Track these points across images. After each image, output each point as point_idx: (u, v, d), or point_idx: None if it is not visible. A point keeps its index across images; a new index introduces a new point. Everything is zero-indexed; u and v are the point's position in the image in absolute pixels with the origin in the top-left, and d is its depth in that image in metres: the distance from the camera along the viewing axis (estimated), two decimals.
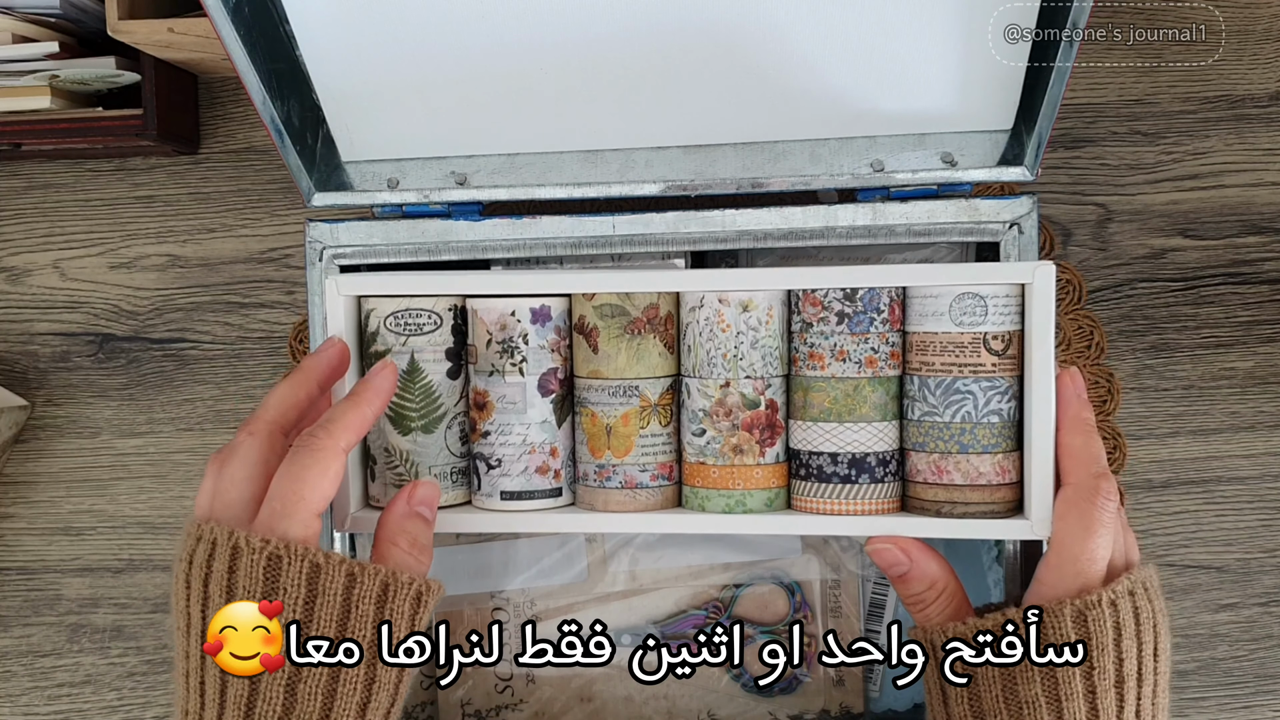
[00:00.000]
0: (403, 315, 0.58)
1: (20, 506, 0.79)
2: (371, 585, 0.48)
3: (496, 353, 0.58)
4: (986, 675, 0.49)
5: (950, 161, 0.63)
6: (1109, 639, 0.48)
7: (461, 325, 0.60)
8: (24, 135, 0.72)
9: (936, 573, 0.53)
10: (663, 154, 0.65)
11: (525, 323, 0.58)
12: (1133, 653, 0.48)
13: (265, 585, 0.46)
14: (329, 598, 0.47)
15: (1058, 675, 0.48)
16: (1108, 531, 0.50)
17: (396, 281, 0.59)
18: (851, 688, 0.71)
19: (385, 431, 0.59)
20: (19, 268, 0.79)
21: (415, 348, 0.58)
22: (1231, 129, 0.73)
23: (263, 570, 0.46)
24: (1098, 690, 0.48)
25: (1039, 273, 0.53)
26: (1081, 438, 0.52)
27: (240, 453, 0.50)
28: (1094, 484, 0.50)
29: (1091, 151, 0.74)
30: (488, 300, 0.58)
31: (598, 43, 0.58)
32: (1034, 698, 0.48)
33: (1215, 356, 0.74)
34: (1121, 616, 0.48)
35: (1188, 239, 0.73)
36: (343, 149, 0.66)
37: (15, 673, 0.79)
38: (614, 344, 0.58)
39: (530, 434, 0.59)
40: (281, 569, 0.46)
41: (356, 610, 0.47)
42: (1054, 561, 0.50)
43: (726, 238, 0.63)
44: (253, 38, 0.58)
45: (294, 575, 0.46)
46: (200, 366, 0.78)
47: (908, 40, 0.58)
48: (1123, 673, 0.48)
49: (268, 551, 0.46)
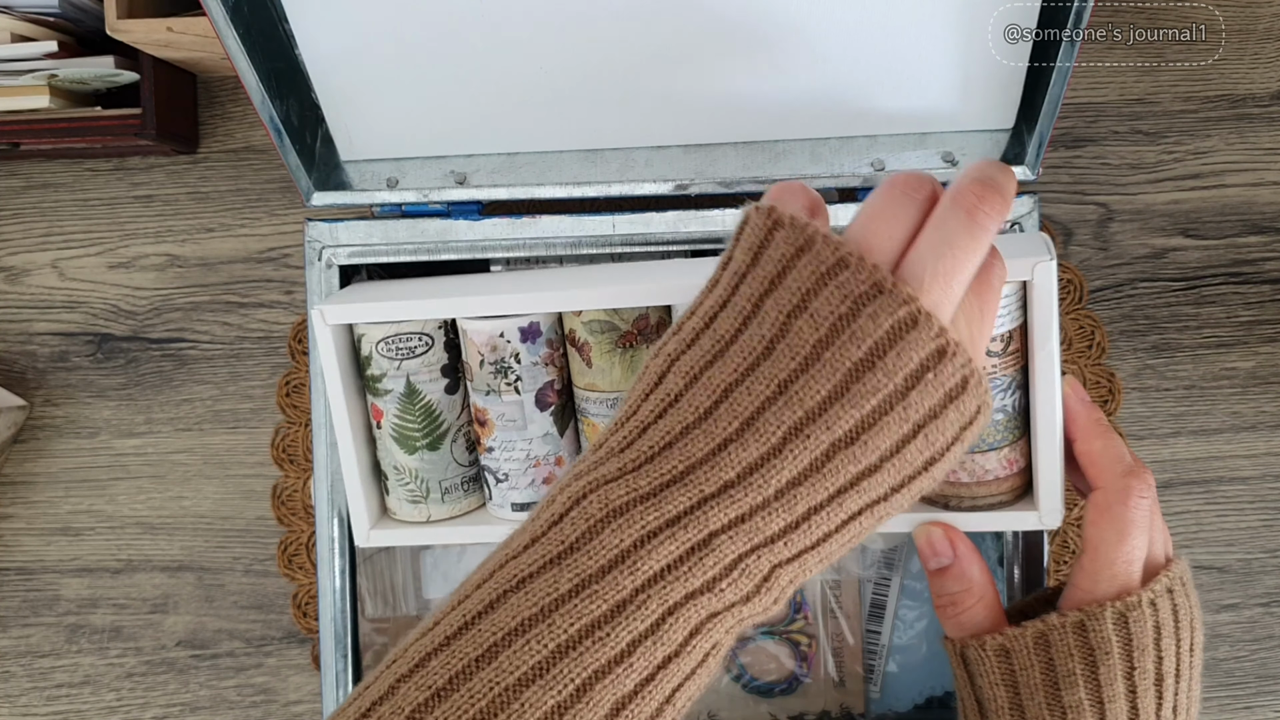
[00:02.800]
0: (393, 340, 0.58)
1: (19, 507, 0.79)
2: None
3: (490, 374, 0.58)
4: (1029, 682, 0.48)
5: (951, 161, 0.63)
6: (1149, 639, 0.47)
7: (454, 339, 0.59)
8: (22, 135, 0.72)
9: (977, 577, 0.50)
10: (663, 153, 0.65)
11: (515, 342, 0.57)
12: (1171, 650, 0.47)
13: None
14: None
15: (1100, 678, 0.47)
16: (1142, 532, 0.48)
17: (383, 308, 0.58)
18: (852, 688, 0.71)
19: (392, 451, 0.59)
20: (17, 267, 0.79)
21: (410, 371, 0.58)
22: (1233, 128, 0.73)
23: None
24: (1138, 690, 0.47)
25: (1038, 269, 0.52)
26: (1100, 440, 0.50)
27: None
28: (1124, 485, 0.48)
29: (1092, 151, 0.73)
30: (476, 322, 0.58)
31: (597, 42, 0.58)
32: (1078, 702, 0.47)
33: (1216, 356, 0.73)
34: (1161, 616, 0.47)
35: (1189, 239, 0.73)
36: (342, 148, 0.66)
37: (14, 673, 0.79)
38: (607, 358, 0.57)
39: (533, 448, 0.59)
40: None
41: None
42: (1090, 567, 0.48)
43: (727, 237, 0.63)
44: (252, 37, 0.57)
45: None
46: (199, 366, 0.78)
47: (909, 39, 0.58)
48: (1162, 671, 0.47)
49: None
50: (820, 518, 0.37)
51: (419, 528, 0.60)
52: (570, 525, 0.36)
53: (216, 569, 0.78)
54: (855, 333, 0.36)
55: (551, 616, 0.35)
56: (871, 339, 0.36)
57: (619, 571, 0.35)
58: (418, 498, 0.60)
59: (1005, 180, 0.40)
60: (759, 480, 0.36)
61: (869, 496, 0.37)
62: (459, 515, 0.61)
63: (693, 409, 0.37)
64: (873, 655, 0.71)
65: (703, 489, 0.36)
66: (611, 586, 0.35)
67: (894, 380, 0.36)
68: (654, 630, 0.35)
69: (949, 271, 0.38)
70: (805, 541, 0.37)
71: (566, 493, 0.37)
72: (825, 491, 0.36)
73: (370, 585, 0.69)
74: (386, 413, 0.59)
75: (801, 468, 0.36)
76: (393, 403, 0.59)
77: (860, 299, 0.36)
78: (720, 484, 0.36)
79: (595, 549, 0.36)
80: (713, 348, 0.38)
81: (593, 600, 0.35)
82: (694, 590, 0.36)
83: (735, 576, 0.36)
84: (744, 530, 0.36)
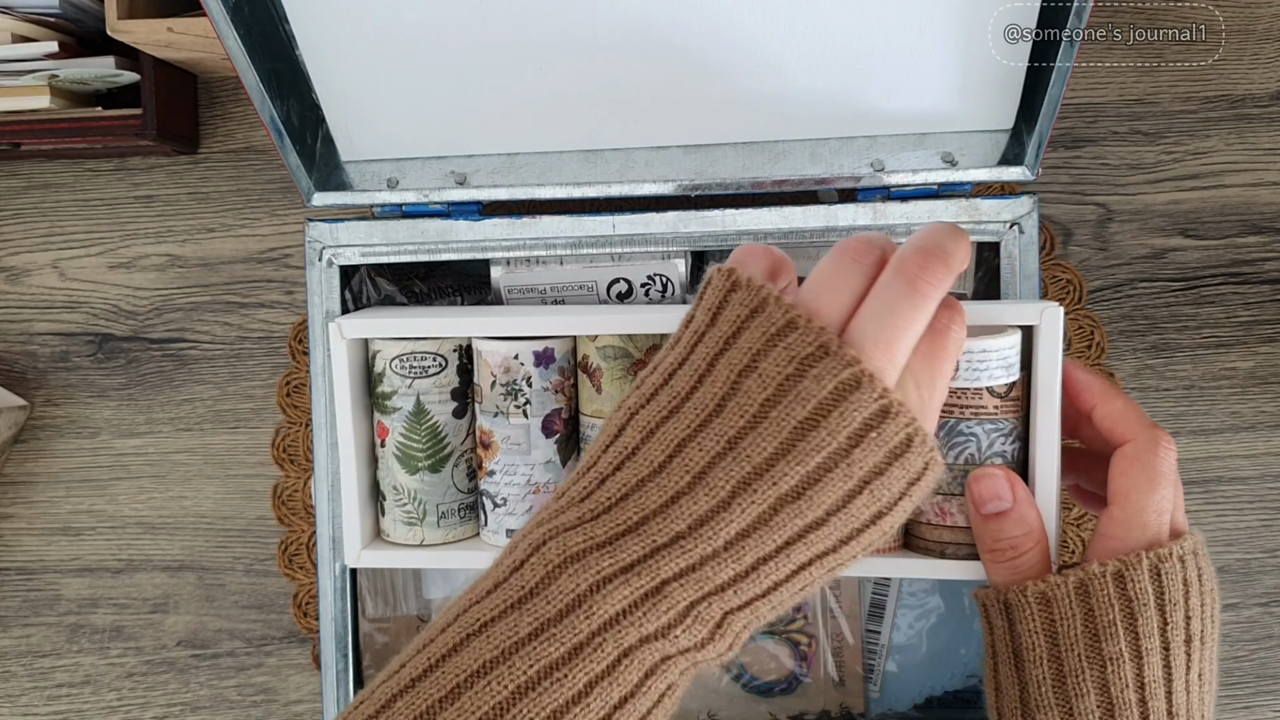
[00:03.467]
0: (408, 358, 0.59)
1: (19, 507, 0.79)
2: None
3: (500, 395, 0.58)
4: (1069, 632, 0.47)
5: (951, 161, 0.63)
6: (1179, 595, 0.46)
7: (467, 364, 0.60)
8: (23, 135, 0.72)
9: (1035, 521, 0.49)
10: (663, 154, 0.65)
11: (529, 365, 0.58)
12: (1198, 611, 0.47)
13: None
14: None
15: (1138, 630, 0.46)
16: (1170, 485, 0.48)
17: (401, 324, 0.59)
18: (852, 688, 0.71)
19: (393, 470, 0.59)
20: (18, 268, 0.79)
21: (421, 390, 0.59)
22: (1232, 129, 0.73)
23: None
24: (1170, 646, 0.47)
25: (1046, 315, 0.50)
26: (1119, 400, 0.50)
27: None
28: (1153, 435, 0.48)
29: (1092, 151, 0.73)
30: (491, 343, 0.58)
31: (597, 42, 0.58)
32: (1118, 653, 0.46)
33: (1216, 356, 0.73)
34: (1188, 573, 0.47)
35: (1188, 239, 0.73)
36: (342, 149, 0.66)
37: (15, 673, 0.79)
38: (617, 385, 0.57)
39: (535, 474, 0.59)
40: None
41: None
42: (1120, 516, 0.48)
43: (727, 237, 0.63)
44: (252, 37, 0.57)
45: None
46: (200, 366, 0.78)
47: (908, 40, 0.58)
48: (1190, 631, 0.47)
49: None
50: (769, 568, 0.38)
51: (410, 550, 0.61)
52: (530, 571, 0.38)
53: (217, 569, 0.78)
54: (800, 393, 0.38)
55: (511, 659, 0.37)
56: (816, 399, 0.38)
57: (576, 616, 0.37)
58: (414, 520, 0.60)
59: (953, 247, 0.41)
60: (708, 532, 0.38)
61: (817, 549, 0.39)
62: (452, 541, 0.61)
63: (648, 463, 0.39)
64: (872, 655, 0.70)
65: (655, 539, 0.38)
66: (569, 630, 0.37)
67: (837, 438, 0.38)
68: (610, 672, 0.37)
69: (890, 339, 0.40)
70: (755, 590, 0.39)
71: (527, 540, 0.39)
72: (773, 543, 0.38)
73: (371, 585, 0.69)
74: (392, 431, 0.59)
75: (749, 521, 0.38)
76: (400, 421, 0.59)
77: (806, 360, 0.38)
78: (672, 535, 0.38)
79: (553, 594, 0.37)
80: (669, 404, 0.40)
81: (551, 643, 0.37)
82: (648, 635, 0.37)
83: (688, 622, 0.38)
84: (694, 579, 0.37)
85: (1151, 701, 0.46)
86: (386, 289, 0.68)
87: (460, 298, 0.70)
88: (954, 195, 0.62)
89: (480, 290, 0.71)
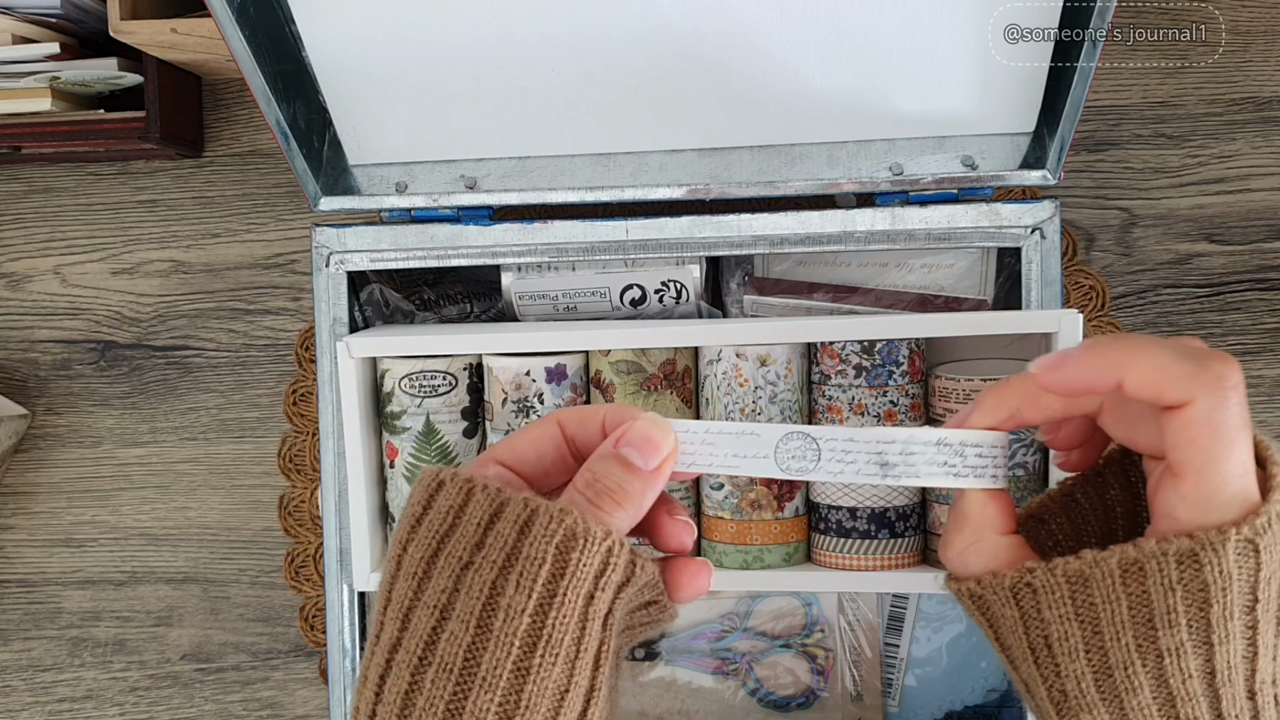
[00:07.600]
0: (417, 377, 0.58)
1: (20, 517, 0.78)
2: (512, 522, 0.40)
3: (512, 412, 0.58)
4: (1114, 619, 0.39)
5: (971, 165, 0.62)
6: (1278, 561, 0.38)
7: (477, 383, 0.60)
8: (24, 138, 0.71)
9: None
10: (677, 157, 0.64)
11: (540, 382, 0.58)
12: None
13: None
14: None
15: (1210, 618, 0.38)
16: (1249, 430, 0.39)
17: (410, 342, 0.58)
18: (870, 702, 0.70)
19: (402, 492, 0.59)
20: (19, 274, 0.78)
21: (430, 409, 0.58)
22: (1258, 131, 0.72)
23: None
24: (1259, 625, 0.39)
25: (1065, 321, 0.51)
26: (1144, 362, 0.38)
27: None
28: (1214, 385, 0.38)
29: (1115, 154, 0.72)
30: (503, 359, 0.58)
31: (610, 44, 0.58)
32: (1178, 645, 0.38)
33: (1241, 364, 0.72)
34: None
35: (1213, 244, 0.72)
36: (350, 152, 0.66)
37: (15, 687, 0.78)
38: (630, 400, 0.57)
39: None
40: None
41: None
42: (1193, 495, 0.38)
43: (742, 243, 0.62)
44: (258, 38, 0.57)
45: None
46: (204, 374, 0.77)
47: (928, 40, 0.58)
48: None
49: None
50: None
51: None
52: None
53: (222, 581, 0.77)
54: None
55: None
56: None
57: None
58: None
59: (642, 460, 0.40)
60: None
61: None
62: None
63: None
64: (891, 669, 0.70)
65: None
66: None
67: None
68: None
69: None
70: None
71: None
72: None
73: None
74: (401, 451, 0.59)
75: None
76: (409, 441, 0.59)
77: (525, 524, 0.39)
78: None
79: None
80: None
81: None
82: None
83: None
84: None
85: (1224, 689, 0.39)
86: (396, 302, 0.67)
87: (470, 304, 0.70)
88: (974, 199, 0.62)
89: (490, 297, 0.70)
